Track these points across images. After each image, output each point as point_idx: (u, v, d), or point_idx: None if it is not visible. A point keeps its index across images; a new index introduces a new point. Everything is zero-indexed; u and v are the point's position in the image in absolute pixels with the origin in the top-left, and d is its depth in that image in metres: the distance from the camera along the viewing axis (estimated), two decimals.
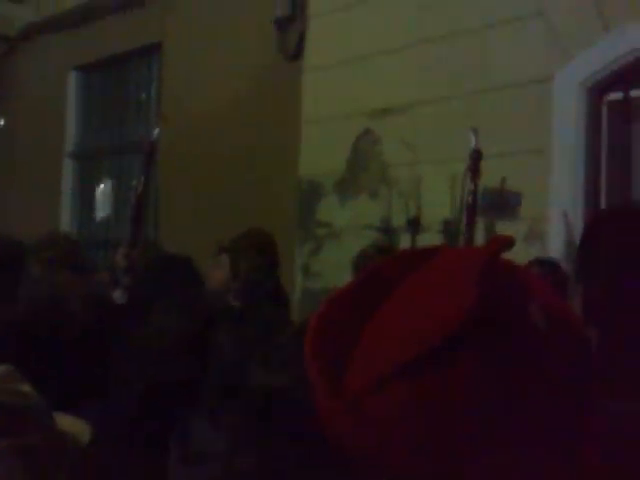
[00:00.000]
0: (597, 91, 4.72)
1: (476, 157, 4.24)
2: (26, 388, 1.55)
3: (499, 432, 0.87)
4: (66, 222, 9.05)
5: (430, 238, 5.20)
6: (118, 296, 4.11)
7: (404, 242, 5.31)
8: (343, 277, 4.57)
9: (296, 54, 6.42)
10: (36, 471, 1.43)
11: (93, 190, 8.99)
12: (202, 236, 6.11)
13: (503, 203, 4.59)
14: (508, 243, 0.93)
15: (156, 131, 5.21)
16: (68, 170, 9.26)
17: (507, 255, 0.94)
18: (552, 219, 4.67)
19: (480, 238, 4.67)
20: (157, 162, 5.28)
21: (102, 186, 5.73)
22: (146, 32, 8.06)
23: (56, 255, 4.33)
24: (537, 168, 4.70)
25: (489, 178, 4.52)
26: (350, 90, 5.94)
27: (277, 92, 6.61)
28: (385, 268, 1.00)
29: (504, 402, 0.87)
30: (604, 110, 4.71)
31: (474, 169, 4.23)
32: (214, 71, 7.21)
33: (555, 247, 4.63)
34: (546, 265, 3.99)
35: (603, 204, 4.66)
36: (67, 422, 1.63)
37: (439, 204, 5.19)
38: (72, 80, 9.32)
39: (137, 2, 8.10)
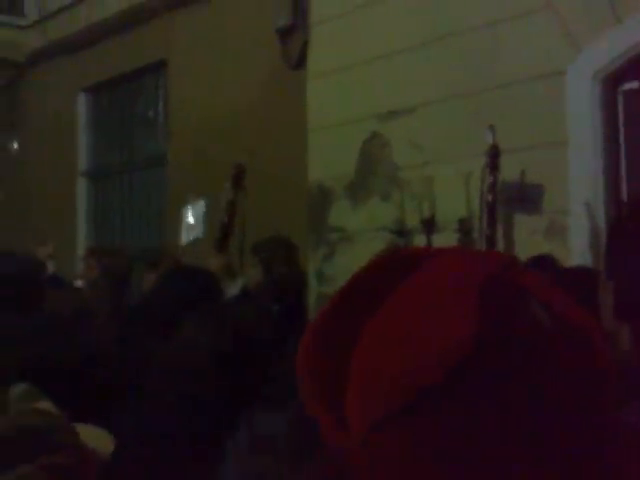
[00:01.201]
0: (611, 81, 4.37)
1: (494, 154, 3.93)
2: (45, 405, 1.48)
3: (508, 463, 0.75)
4: (82, 240, 8.77)
5: (446, 237, 4.83)
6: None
7: (419, 243, 4.95)
8: None
9: (300, 62, 6.07)
10: None
11: (108, 207, 8.75)
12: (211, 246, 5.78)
13: (523, 196, 4.22)
14: (511, 264, 0.82)
15: (243, 161, 5.23)
16: (82, 189, 9.02)
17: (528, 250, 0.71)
18: (573, 213, 4.29)
19: (500, 233, 4.32)
20: (245, 187, 5.18)
21: (193, 206, 5.52)
22: (151, 49, 7.77)
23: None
24: (555, 162, 4.35)
25: (506, 174, 4.16)
26: (356, 94, 5.59)
27: (283, 100, 6.29)
28: (368, 281, 0.85)
29: (509, 430, 0.75)
30: (620, 100, 4.35)
31: (492, 166, 3.92)
32: (220, 83, 6.90)
33: (577, 241, 4.27)
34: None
35: (624, 195, 4.30)
36: (90, 434, 1.54)
37: (453, 203, 4.83)
38: (82, 101, 9.06)
39: (140, 20, 7.77)
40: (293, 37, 6.14)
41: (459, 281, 0.80)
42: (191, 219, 5.51)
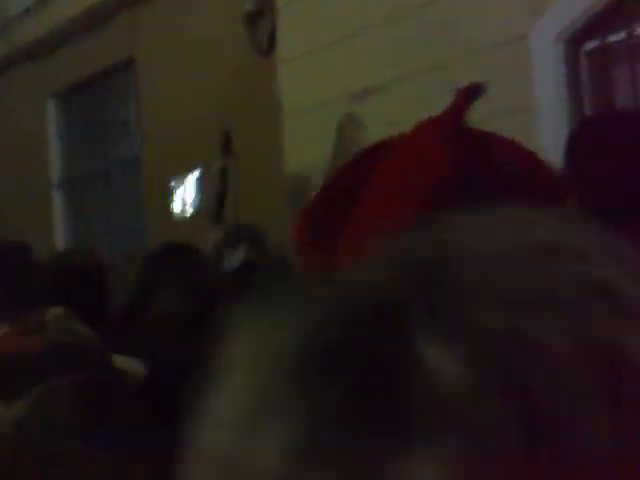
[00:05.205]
0: (574, 43, 4.69)
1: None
2: (81, 328, 1.60)
3: None
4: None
5: None
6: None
7: None
8: None
9: (269, 48, 6.39)
10: (93, 406, 1.47)
11: (85, 216, 9.00)
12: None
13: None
14: (475, 92, 0.95)
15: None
16: (58, 200, 9.26)
17: None
18: None
19: None
20: (234, 152, 5.43)
21: (183, 181, 5.79)
22: (117, 49, 8.06)
23: None
24: (521, 128, 4.65)
25: None
26: (327, 76, 5.91)
27: (255, 88, 6.59)
28: (348, 171, 1.01)
29: None
30: (583, 61, 4.68)
31: None
32: (189, 77, 7.20)
33: None
34: None
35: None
36: (121, 361, 1.67)
37: None
38: (51, 108, 9.32)
39: (104, 19, 8.09)
40: (261, 23, 6.47)
41: (424, 138, 0.94)
42: (183, 194, 5.75)
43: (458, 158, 0.90)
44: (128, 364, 1.69)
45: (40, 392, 1.44)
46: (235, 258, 4.37)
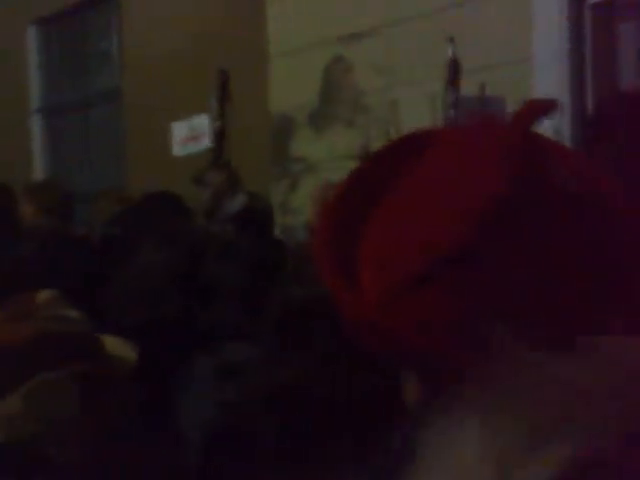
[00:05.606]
0: None
1: (454, 68, 4.08)
2: (73, 313, 1.54)
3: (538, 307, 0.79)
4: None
5: None
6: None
7: None
8: None
9: None
10: (89, 398, 1.42)
11: (63, 146, 8.84)
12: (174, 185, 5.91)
13: (484, 110, 4.36)
14: (548, 107, 0.81)
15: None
16: (37, 127, 9.08)
17: None
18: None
19: None
20: (230, 93, 5.36)
21: (191, 119, 5.75)
22: None
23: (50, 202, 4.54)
24: (520, 79, 4.49)
25: (471, 91, 4.30)
26: (317, 17, 5.70)
27: (243, 26, 6.36)
28: (381, 162, 0.90)
29: (540, 277, 0.78)
30: (587, 14, 4.49)
31: (453, 81, 4.06)
32: (176, 11, 6.95)
33: None
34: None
35: (589, 111, 4.46)
36: (112, 343, 1.61)
37: (420, 126, 4.95)
38: (32, 35, 9.07)
39: None
40: None
41: (481, 145, 0.81)
42: (185, 132, 5.68)
43: (516, 176, 0.77)
44: (119, 347, 1.59)
45: (34, 386, 1.37)
46: (237, 202, 4.27)
